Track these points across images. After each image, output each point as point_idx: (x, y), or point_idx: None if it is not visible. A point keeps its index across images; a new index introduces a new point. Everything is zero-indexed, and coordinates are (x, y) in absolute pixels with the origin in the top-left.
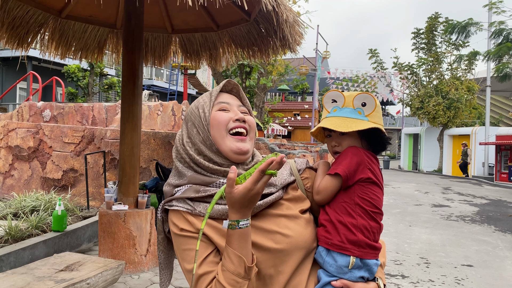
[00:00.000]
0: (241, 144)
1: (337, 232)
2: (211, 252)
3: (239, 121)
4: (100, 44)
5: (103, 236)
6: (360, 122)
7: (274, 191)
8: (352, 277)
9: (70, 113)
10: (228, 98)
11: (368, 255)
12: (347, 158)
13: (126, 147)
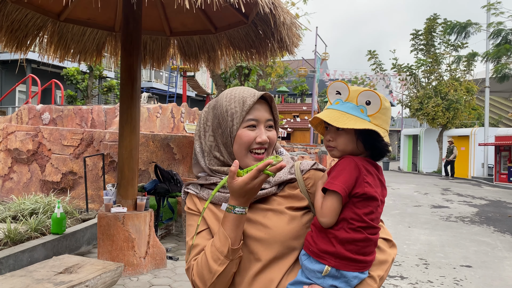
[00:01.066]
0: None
1: (318, 240)
2: (206, 229)
3: (261, 144)
4: (98, 47)
5: (102, 238)
6: (359, 121)
7: (267, 187)
8: (324, 284)
9: (69, 115)
10: (257, 112)
11: (347, 267)
12: (344, 173)
13: (124, 150)
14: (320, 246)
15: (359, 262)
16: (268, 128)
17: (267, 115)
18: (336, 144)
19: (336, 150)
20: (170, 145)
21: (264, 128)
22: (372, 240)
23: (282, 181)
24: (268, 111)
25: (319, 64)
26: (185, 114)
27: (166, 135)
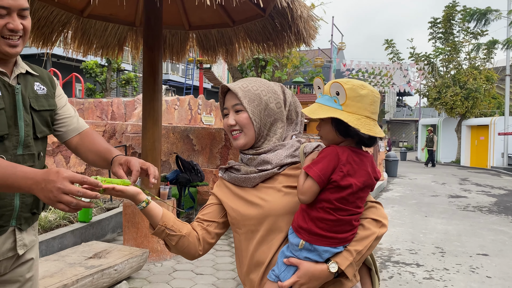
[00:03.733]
0: (234, 142)
1: (298, 217)
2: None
3: (230, 127)
4: (120, 42)
5: (127, 226)
6: (332, 111)
7: (269, 168)
8: (300, 256)
9: (90, 108)
10: (227, 101)
11: (318, 242)
12: (324, 161)
13: (148, 141)
14: (298, 222)
15: (329, 238)
16: (236, 113)
17: (234, 102)
18: (321, 133)
19: (324, 140)
20: (189, 137)
21: (233, 113)
22: (344, 220)
23: (283, 163)
24: (235, 97)
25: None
26: (202, 106)
27: (186, 127)
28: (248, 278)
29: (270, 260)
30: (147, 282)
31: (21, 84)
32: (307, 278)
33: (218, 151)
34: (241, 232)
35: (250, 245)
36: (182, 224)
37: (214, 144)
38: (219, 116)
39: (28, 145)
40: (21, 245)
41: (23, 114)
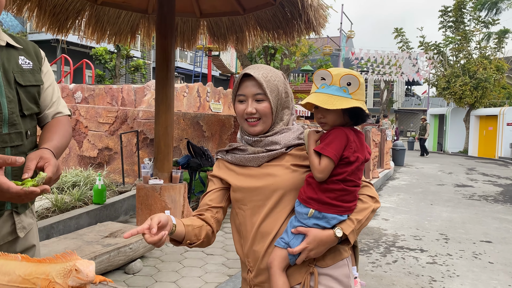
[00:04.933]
0: (252, 129)
1: (306, 190)
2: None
3: (249, 114)
4: (132, 29)
5: (140, 207)
6: (345, 101)
7: (277, 148)
8: (308, 223)
9: (100, 94)
10: (245, 88)
11: (327, 210)
12: (336, 142)
13: (160, 127)
14: (307, 194)
15: (337, 206)
16: (257, 101)
17: (254, 90)
18: (327, 121)
19: (327, 125)
20: (199, 123)
21: (253, 101)
22: (349, 190)
23: (290, 144)
24: (256, 86)
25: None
26: (210, 93)
27: (196, 114)
28: (251, 250)
29: (277, 231)
30: (160, 261)
31: (3, 57)
32: (316, 243)
33: (228, 138)
34: (246, 208)
35: (256, 219)
36: (200, 229)
37: (223, 131)
38: (227, 103)
39: (14, 123)
40: (21, 228)
41: (4, 90)
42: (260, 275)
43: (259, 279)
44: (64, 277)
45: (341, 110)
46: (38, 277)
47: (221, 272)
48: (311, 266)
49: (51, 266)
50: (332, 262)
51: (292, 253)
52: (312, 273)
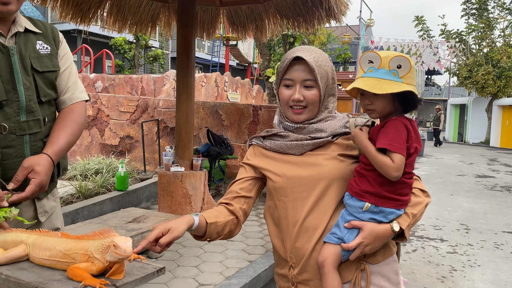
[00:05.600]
0: (296, 116)
1: (360, 183)
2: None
3: (295, 102)
4: (153, 18)
5: (162, 194)
6: (395, 84)
7: (323, 136)
8: (363, 217)
9: (120, 84)
10: (294, 72)
11: (384, 204)
12: (401, 136)
13: (181, 115)
14: (361, 187)
15: (395, 200)
16: (306, 88)
17: (304, 75)
18: (375, 107)
19: (375, 112)
20: (219, 112)
21: (301, 87)
22: (407, 183)
23: (337, 133)
24: (307, 71)
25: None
26: (228, 83)
27: (215, 103)
28: (295, 246)
29: (325, 226)
30: (181, 246)
31: (20, 43)
32: (372, 238)
33: (246, 127)
34: (288, 199)
35: (300, 212)
36: (224, 225)
37: (242, 120)
38: (244, 93)
39: (31, 110)
40: (42, 212)
41: (21, 77)
42: (305, 272)
43: (304, 277)
44: (102, 253)
45: (390, 96)
46: (78, 252)
47: (241, 258)
48: (362, 263)
49: (90, 242)
50: (383, 258)
51: (347, 248)
52: (363, 270)
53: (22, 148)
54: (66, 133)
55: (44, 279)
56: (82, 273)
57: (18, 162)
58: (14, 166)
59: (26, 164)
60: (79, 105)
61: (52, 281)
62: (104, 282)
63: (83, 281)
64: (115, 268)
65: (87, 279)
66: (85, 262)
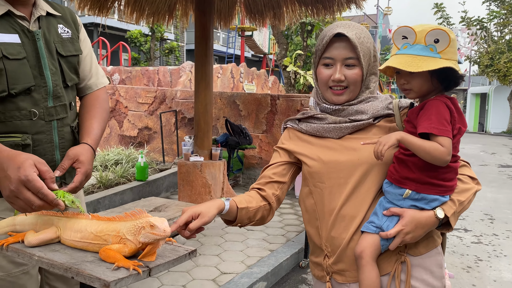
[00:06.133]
0: (336, 98)
1: (400, 169)
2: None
3: (336, 82)
4: (170, 8)
5: (182, 184)
6: (432, 61)
7: (364, 118)
8: (404, 205)
9: (137, 76)
10: (334, 50)
11: (427, 190)
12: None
13: (200, 105)
14: (401, 173)
15: (438, 186)
16: (347, 67)
17: (345, 53)
18: (412, 86)
19: (412, 92)
20: (236, 102)
21: (342, 66)
22: (451, 167)
23: (379, 115)
24: (348, 48)
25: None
26: (244, 74)
27: (233, 93)
28: (330, 234)
29: (364, 215)
30: (202, 235)
31: (43, 27)
32: (413, 225)
33: (264, 117)
34: (324, 186)
35: (337, 200)
36: (256, 211)
37: (260, 110)
38: (260, 84)
39: (58, 95)
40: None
41: (47, 62)
42: (341, 262)
43: (340, 267)
44: (135, 234)
45: (428, 73)
46: (109, 234)
47: (262, 247)
48: (402, 255)
49: (121, 224)
50: (426, 250)
51: (386, 237)
52: (403, 262)
53: (51, 133)
54: (98, 121)
55: (77, 260)
56: (115, 255)
57: (48, 148)
58: (44, 152)
59: (71, 153)
60: (103, 91)
61: (85, 262)
62: (137, 264)
63: (116, 262)
64: (147, 250)
65: (120, 260)
66: (117, 243)
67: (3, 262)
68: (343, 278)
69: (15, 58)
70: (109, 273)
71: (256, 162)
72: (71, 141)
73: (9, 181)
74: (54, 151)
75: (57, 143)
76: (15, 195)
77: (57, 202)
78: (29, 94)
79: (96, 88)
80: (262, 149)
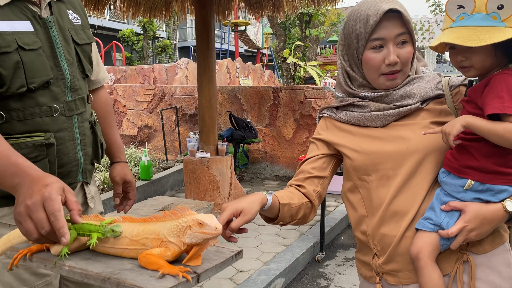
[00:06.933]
0: (390, 83)
1: (460, 156)
2: (316, 155)
3: (391, 66)
4: (167, 2)
5: (189, 181)
6: (496, 31)
7: (411, 103)
8: (465, 198)
9: (132, 75)
10: (384, 29)
11: (493, 180)
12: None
13: (204, 99)
14: (461, 162)
15: (507, 175)
16: (399, 45)
17: (397, 30)
18: (472, 63)
19: (473, 69)
20: (237, 96)
21: (394, 46)
22: None
23: (428, 97)
24: (399, 24)
25: None
26: (240, 69)
27: (234, 87)
28: (379, 231)
29: (417, 210)
30: None
31: (56, 14)
32: (478, 221)
33: (267, 110)
34: (370, 179)
35: (386, 193)
36: (298, 208)
37: (262, 103)
38: (256, 78)
39: (76, 88)
40: (90, 198)
41: (63, 51)
42: (393, 262)
43: (392, 267)
44: (178, 235)
45: (491, 46)
46: (147, 237)
47: (276, 242)
48: (464, 253)
49: (160, 225)
50: (491, 247)
51: (447, 236)
52: (465, 261)
53: (72, 130)
54: (116, 130)
55: (114, 269)
56: (158, 260)
57: (71, 146)
58: (67, 151)
59: (118, 178)
60: (105, 89)
61: (124, 271)
62: (184, 270)
63: (160, 269)
64: (193, 252)
65: (164, 267)
66: (158, 247)
67: (26, 275)
68: (396, 279)
69: (31, 49)
70: (154, 282)
71: (260, 156)
72: (90, 137)
73: (29, 196)
74: (76, 149)
75: (79, 140)
76: (29, 212)
77: (63, 233)
78: (47, 88)
79: (103, 82)
80: (266, 143)
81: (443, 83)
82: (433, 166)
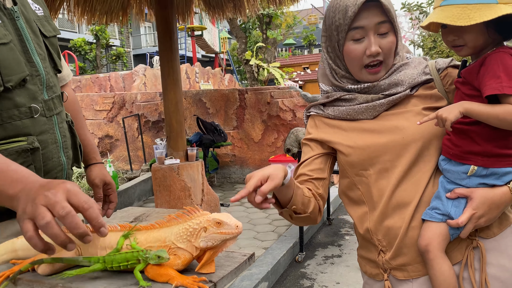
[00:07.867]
0: (372, 77)
1: (459, 142)
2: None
3: (372, 56)
4: (124, 6)
5: (158, 190)
6: (487, 9)
7: (400, 90)
8: (469, 184)
9: (87, 85)
10: (363, 19)
11: (497, 163)
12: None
13: (170, 103)
14: (462, 147)
15: (510, 156)
16: (380, 35)
17: (377, 18)
18: (465, 42)
19: (466, 48)
20: (202, 100)
21: (375, 36)
22: None
23: (417, 83)
24: (379, 13)
25: None
26: (199, 74)
27: (198, 91)
28: (382, 225)
29: (419, 199)
30: None
31: (19, 3)
32: (486, 207)
33: (234, 112)
34: (370, 173)
35: (387, 186)
36: (309, 200)
37: (228, 106)
38: (216, 83)
39: (50, 85)
40: None
41: (33, 45)
42: (401, 255)
43: (400, 261)
44: (190, 240)
45: (483, 24)
46: (152, 246)
47: (255, 246)
48: (473, 239)
49: (165, 230)
50: (499, 230)
51: (456, 225)
52: (475, 247)
53: (54, 132)
54: (87, 130)
55: (117, 285)
56: (167, 271)
57: (54, 149)
58: (51, 155)
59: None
60: (71, 87)
61: (129, 287)
62: (199, 279)
63: (171, 281)
64: (207, 258)
65: (176, 278)
66: None
67: None
68: (405, 274)
69: (2, 43)
70: None
71: (229, 160)
72: (70, 138)
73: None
74: (59, 153)
75: (61, 143)
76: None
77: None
78: (23, 87)
79: (68, 79)
80: (235, 146)
81: (430, 67)
82: (433, 153)
